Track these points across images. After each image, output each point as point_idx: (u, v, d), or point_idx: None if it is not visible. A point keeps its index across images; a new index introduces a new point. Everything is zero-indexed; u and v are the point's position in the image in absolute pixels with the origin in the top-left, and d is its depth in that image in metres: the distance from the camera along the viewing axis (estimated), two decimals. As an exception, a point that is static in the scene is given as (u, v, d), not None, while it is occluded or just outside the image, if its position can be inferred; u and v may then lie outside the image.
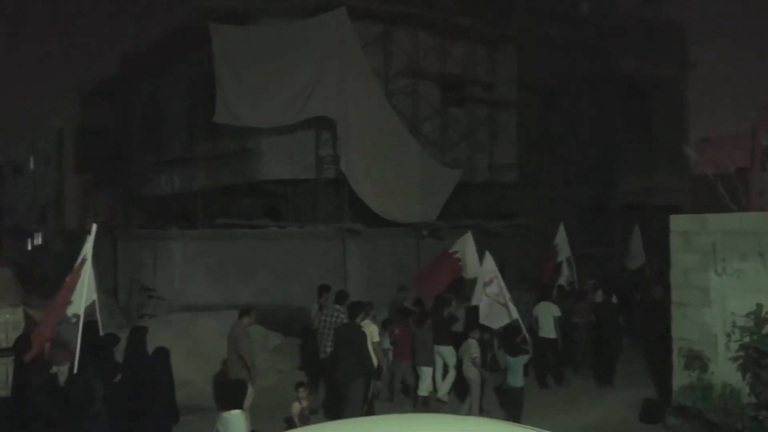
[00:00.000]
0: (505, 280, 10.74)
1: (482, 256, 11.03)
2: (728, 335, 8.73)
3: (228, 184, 17.81)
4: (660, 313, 11.49)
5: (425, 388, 10.41)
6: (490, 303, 10.44)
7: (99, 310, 8.64)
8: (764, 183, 27.66)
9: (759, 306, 8.43)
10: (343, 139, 16.18)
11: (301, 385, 8.55)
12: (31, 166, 35.77)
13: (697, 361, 9.02)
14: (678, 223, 9.53)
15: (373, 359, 9.33)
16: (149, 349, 8.39)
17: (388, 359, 10.64)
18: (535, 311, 11.88)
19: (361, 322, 9.41)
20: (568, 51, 20.40)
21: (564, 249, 14.20)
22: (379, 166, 16.63)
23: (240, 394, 6.63)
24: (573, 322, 12.40)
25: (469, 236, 12.38)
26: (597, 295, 13.24)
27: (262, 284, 14.76)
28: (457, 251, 12.30)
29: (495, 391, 10.48)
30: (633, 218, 18.01)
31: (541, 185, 19.46)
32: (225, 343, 9.93)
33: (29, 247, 35.75)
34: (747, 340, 8.51)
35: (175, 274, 15.25)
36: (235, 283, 14.74)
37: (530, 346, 10.02)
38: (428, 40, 18.33)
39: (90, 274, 8.09)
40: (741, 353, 8.58)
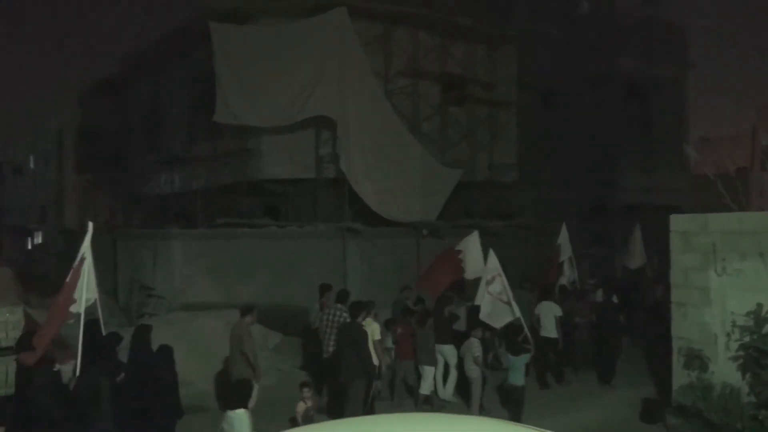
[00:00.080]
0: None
1: (486, 255, 11.00)
2: (728, 335, 8.74)
3: (228, 183, 17.81)
4: (660, 313, 11.50)
5: (427, 387, 10.41)
6: (492, 301, 10.43)
7: (100, 310, 8.64)
8: (764, 183, 27.66)
9: (759, 305, 8.44)
10: (343, 138, 16.18)
11: (305, 385, 8.55)
12: (31, 166, 35.77)
13: (696, 360, 9.03)
14: (678, 222, 9.54)
15: (374, 358, 9.34)
16: (152, 348, 8.41)
17: (390, 358, 10.66)
18: (537, 310, 11.89)
19: (362, 321, 9.42)
20: (568, 51, 20.40)
21: (566, 249, 14.20)
22: (379, 165, 16.63)
23: (245, 393, 6.68)
24: (574, 321, 12.41)
25: (476, 235, 12.20)
26: (597, 294, 13.26)
27: (262, 283, 14.77)
28: (460, 250, 12.20)
29: (496, 390, 10.48)
30: (633, 218, 18.01)
31: (541, 185, 19.46)
32: (225, 343, 9.92)
33: (29, 247, 35.75)
34: (747, 339, 8.52)
35: (175, 274, 15.25)
36: (235, 283, 14.75)
37: (532, 346, 10.04)
38: (428, 39, 18.33)
39: (90, 273, 8.09)
40: (741, 353, 8.59)
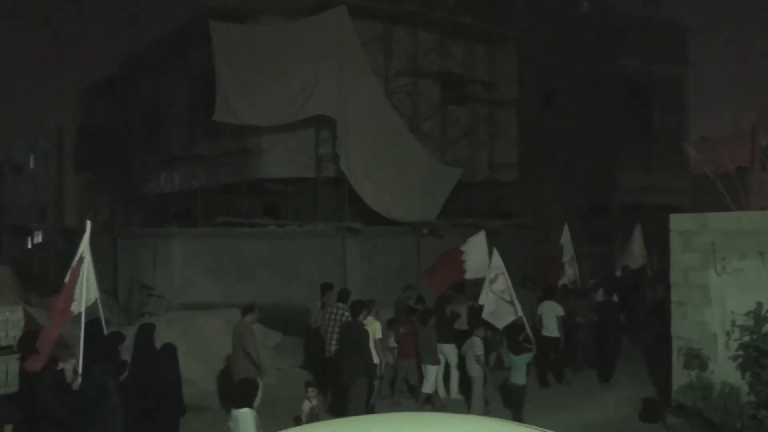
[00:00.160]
0: (507, 279, 10.72)
1: (491, 254, 10.96)
2: (728, 334, 8.74)
3: (228, 182, 17.80)
4: (660, 313, 11.50)
5: (429, 386, 10.41)
6: (495, 300, 10.42)
7: (101, 309, 8.64)
8: (764, 182, 27.59)
9: (759, 305, 8.44)
10: (343, 137, 16.17)
11: (310, 385, 8.56)
12: (31, 165, 35.75)
13: (696, 360, 9.03)
14: (678, 222, 9.54)
15: (374, 357, 9.34)
16: (156, 346, 8.42)
17: (393, 356, 10.68)
18: (539, 310, 11.89)
19: (364, 320, 9.42)
20: (569, 50, 20.40)
21: (568, 248, 14.21)
22: (379, 164, 16.62)
23: (250, 393, 6.73)
24: (576, 321, 12.42)
25: (482, 235, 12.05)
26: (598, 294, 13.26)
27: (261, 283, 14.76)
28: (464, 251, 12.04)
29: (498, 389, 10.50)
30: (633, 217, 18.01)
31: (541, 184, 19.46)
32: (225, 342, 9.93)
33: (29, 246, 35.72)
34: (747, 339, 8.52)
35: (175, 273, 15.25)
36: (235, 282, 14.74)
37: (534, 345, 10.04)
38: (428, 39, 18.32)
39: (90, 272, 8.08)
40: (740, 352, 8.59)
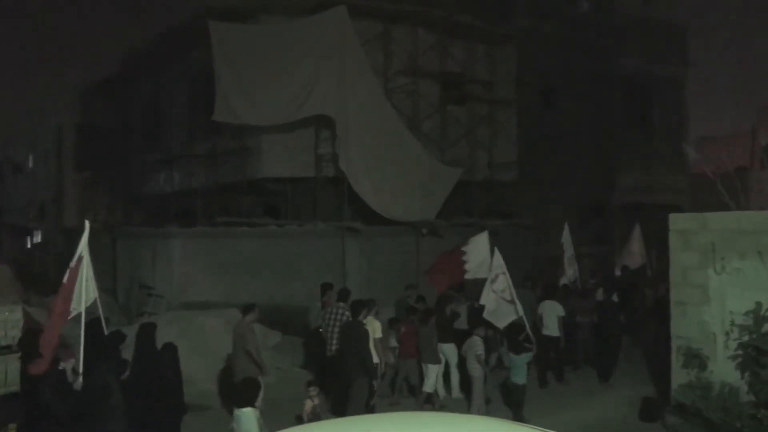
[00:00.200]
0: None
1: (492, 254, 10.95)
2: (727, 334, 8.74)
3: (227, 182, 17.80)
4: (660, 312, 11.50)
5: (431, 384, 10.41)
6: (496, 300, 10.43)
7: (101, 309, 8.64)
8: (763, 182, 27.62)
9: (758, 304, 8.44)
10: (343, 137, 16.16)
11: (311, 384, 8.57)
12: (30, 164, 35.73)
13: (696, 359, 9.03)
14: (677, 221, 9.54)
15: (374, 356, 9.34)
16: (157, 346, 8.40)
17: (394, 356, 10.68)
18: (540, 309, 11.91)
19: (364, 319, 9.42)
20: (568, 50, 20.38)
21: (568, 248, 14.24)
22: (379, 164, 16.60)
23: (253, 392, 6.77)
24: (576, 321, 12.43)
25: (485, 235, 12.01)
26: (598, 293, 13.26)
27: (261, 282, 14.77)
28: (465, 251, 12.04)
29: (498, 389, 10.50)
30: (633, 217, 18.00)
31: (541, 184, 19.45)
32: (225, 341, 9.94)
33: (28, 245, 35.72)
34: (746, 338, 8.52)
35: (175, 273, 15.27)
36: (235, 282, 14.75)
37: (534, 345, 10.04)
38: (428, 38, 18.30)
39: (89, 272, 8.08)
40: (740, 352, 8.59)
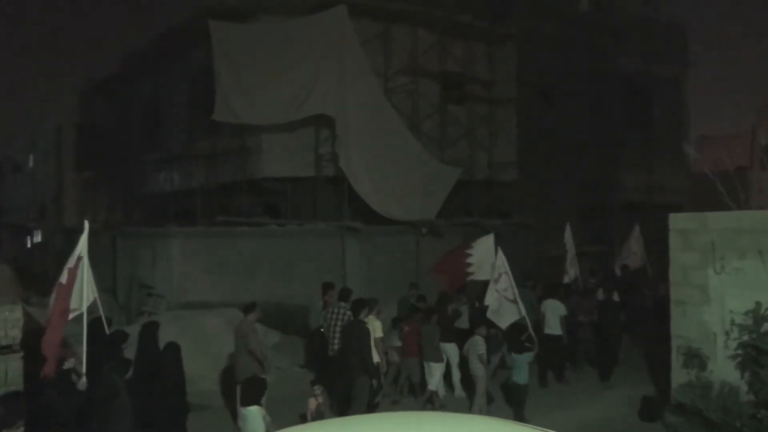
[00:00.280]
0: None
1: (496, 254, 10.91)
2: (727, 333, 8.74)
3: (227, 181, 17.80)
4: (660, 312, 11.49)
5: (435, 383, 10.42)
6: (498, 299, 10.43)
7: (102, 309, 8.62)
8: (763, 181, 27.61)
9: (758, 304, 8.43)
10: (343, 137, 16.17)
11: (316, 383, 8.58)
12: (30, 164, 35.74)
13: (696, 359, 9.03)
14: (677, 221, 9.53)
15: (375, 356, 9.34)
16: (159, 345, 8.40)
17: (398, 354, 10.69)
18: (543, 307, 11.93)
19: (365, 318, 9.41)
20: (568, 49, 20.37)
21: (570, 247, 14.26)
22: (379, 164, 16.61)
23: (259, 391, 6.81)
24: (578, 320, 12.44)
25: (491, 238, 11.81)
26: (598, 293, 13.27)
27: (261, 282, 14.76)
28: (471, 253, 11.88)
29: (500, 388, 10.52)
30: (632, 217, 18.00)
31: (541, 184, 19.45)
32: (225, 341, 9.94)
33: (28, 245, 35.72)
34: (746, 338, 8.51)
35: (175, 272, 15.24)
36: (235, 281, 14.74)
37: (536, 345, 10.04)
38: (428, 37, 18.30)
39: (88, 272, 8.05)
40: (740, 351, 8.58)
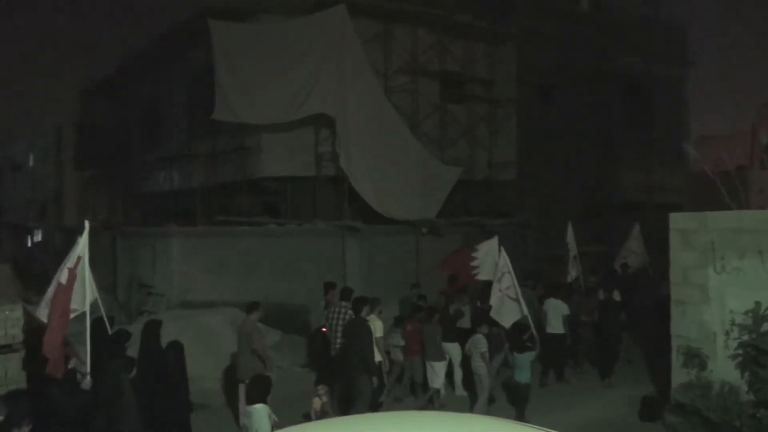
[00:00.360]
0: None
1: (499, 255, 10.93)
2: (727, 333, 8.73)
3: (227, 181, 17.79)
4: (660, 311, 11.49)
5: (440, 381, 10.45)
6: (501, 297, 10.44)
7: (103, 308, 8.61)
8: (763, 181, 27.56)
9: (757, 304, 8.42)
10: (343, 136, 16.17)
11: (320, 383, 8.57)
12: (30, 164, 35.76)
13: (695, 358, 9.02)
14: (677, 221, 9.53)
15: (376, 355, 9.34)
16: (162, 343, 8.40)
17: (401, 354, 10.70)
18: (545, 306, 11.95)
19: (367, 317, 9.41)
20: (568, 49, 20.37)
21: (572, 247, 14.28)
22: (379, 163, 16.61)
23: (264, 389, 6.83)
24: (580, 319, 12.45)
25: (495, 241, 11.83)
26: (599, 293, 13.27)
27: (261, 281, 14.74)
28: (476, 257, 11.94)
29: (502, 387, 10.52)
30: (632, 216, 17.99)
31: (541, 183, 19.45)
32: (225, 340, 9.94)
33: (28, 244, 35.74)
34: (746, 338, 8.51)
35: (174, 271, 15.23)
36: (235, 281, 14.74)
37: (537, 344, 10.05)
38: (428, 37, 18.29)
39: (88, 273, 8.04)
40: (740, 351, 8.58)
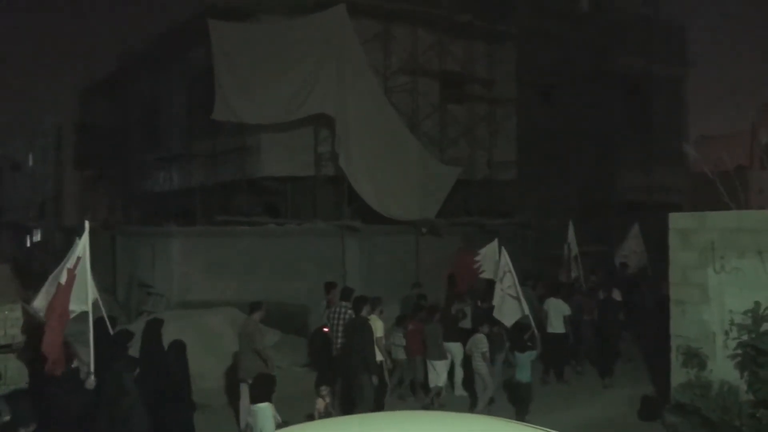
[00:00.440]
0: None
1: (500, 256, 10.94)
2: (726, 333, 8.74)
3: (227, 180, 17.80)
4: (660, 311, 11.50)
5: (442, 380, 10.46)
6: (502, 297, 10.46)
7: (103, 308, 8.61)
8: (763, 181, 27.57)
9: (757, 304, 8.44)
10: (342, 136, 16.17)
11: (321, 383, 8.58)
12: (30, 163, 35.75)
13: (695, 358, 9.03)
14: (677, 220, 9.54)
15: (377, 355, 9.34)
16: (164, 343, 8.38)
17: (404, 353, 10.70)
18: (546, 306, 11.95)
19: (368, 317, 9.41)
20: (568, 48, 20.38)
21: (573, 247, 14.29)
22: (379, 163, 16.61)
23: (269, 388, 6.87)
24: (582, 319, 12.46)
25: (495, 244, 11.86)
26: (599, 292, 13.28)
27: (261, 281, 14.74)
28: (478, 260, 12.06)
29: (503, 387, 10.52)
30: (632, 216, 18.00)
31: (541, 183, 19.45)
32: (225, 340, 9.93)
33: (28, 244, 35.73)
34: (745, 338, 8.52)
35: (174, 271, 15.23)
36: (234, 280, 14.75)
37: (539, 344, 10.05)
38: (428, 37, 18.29)
39: (88, 273, 8.04)
40: (739, 351, 8.59)
